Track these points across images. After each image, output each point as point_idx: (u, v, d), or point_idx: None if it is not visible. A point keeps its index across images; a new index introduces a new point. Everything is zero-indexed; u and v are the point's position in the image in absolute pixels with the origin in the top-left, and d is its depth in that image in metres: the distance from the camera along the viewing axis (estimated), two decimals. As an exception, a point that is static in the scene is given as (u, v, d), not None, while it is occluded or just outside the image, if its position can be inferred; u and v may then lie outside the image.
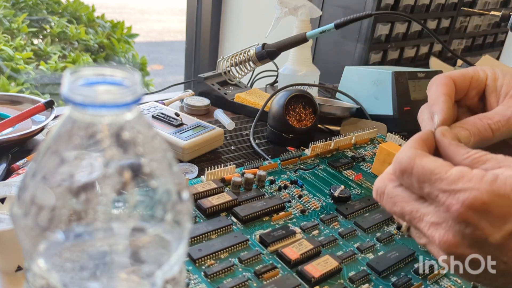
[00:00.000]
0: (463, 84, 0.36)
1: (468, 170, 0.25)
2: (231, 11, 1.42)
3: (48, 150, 0.20)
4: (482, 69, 0.36)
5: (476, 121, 0.33)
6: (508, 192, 0.24)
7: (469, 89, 0.36)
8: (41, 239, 0.20)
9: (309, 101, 0.63)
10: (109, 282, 0.21)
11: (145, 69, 2.12)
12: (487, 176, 0.24)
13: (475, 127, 0.33)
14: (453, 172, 0.26)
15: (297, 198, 0.45)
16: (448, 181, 0.25)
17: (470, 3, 1.12)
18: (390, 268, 0.37)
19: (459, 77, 0.35)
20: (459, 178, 0.25)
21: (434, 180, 0.26)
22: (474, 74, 0.36)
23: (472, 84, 0.36)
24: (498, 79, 0.36)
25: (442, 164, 0.26)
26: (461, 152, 0.28)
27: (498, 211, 0.24)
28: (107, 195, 0.20)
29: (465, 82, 0.36)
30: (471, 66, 0.37)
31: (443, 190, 0.26)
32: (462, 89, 0.36)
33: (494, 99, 0.35)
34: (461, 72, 0.36)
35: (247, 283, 0.33)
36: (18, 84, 1.70)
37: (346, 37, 0.95)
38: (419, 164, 0.27)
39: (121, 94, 0.19)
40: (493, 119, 0.33)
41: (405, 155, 0.28)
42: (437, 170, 0.26)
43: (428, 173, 0.26)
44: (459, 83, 0.35)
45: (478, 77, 0.36)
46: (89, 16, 2.01)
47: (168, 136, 0.56)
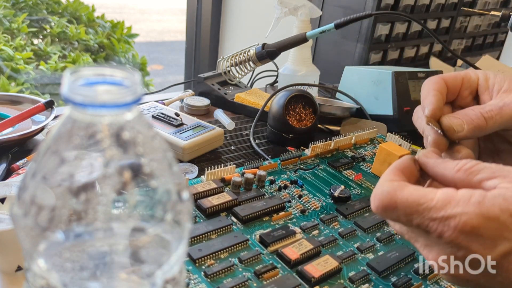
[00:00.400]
0: (455, 83, 0.36)
1: (453, 192, 0.25)
2: (231, 11, 1.42)
3: (48, 150, 0.20)
4: (473, 71, 0.37)
5: (468, 111, 0.33)
6: (497, 214, 0.23)
7: (461, 89, 0.37)
8: (41, 239, 0.20)
9: (309, 101, 0.63)
10: (109, 282, 0.21)
11: (145, 69, 2.13)
12: (474, 197, 0.24)
13: (467, 116, 0.33)
14: (440, 198, 0.25)
15: (297, 198, 0.45)
16: (436, 209, 0.25)
17: (470, 3, 1.12)
18: (390, 268, 0.37)
19: (450, 78, 0.36)
20: (446, 203, 0.25)
21: (422, 211, 0.25)
22: (465, 75, 0.37)
23: (464, 84, 0.37)
24: (489, 79, 0.36)
25: (426, 192, 0.26)
26: (451, 166, 0.27)
27: (488, 233, 0.24)
28: (107, 195, 0.20)
29: (456, 82, 0.36)
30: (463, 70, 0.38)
31: (432, 218, 0.25)
32: (454, 89, 0.36)
33: (487, 97, 0.36)
34: (452, 74, 0.37)
35: (247, 283, 0.33)
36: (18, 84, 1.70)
37: (346, 37, 0.95)
38: (402, 197, 0.26)
39: (121, 94, 0.19)
40: (485, 108, 0.33)
41: (382, 190, 0.27)
42: (423, 200, 0.25)
43: (414, 204, 0.26)
44: (450, 83, 0.36)
45: (470, 77, 0.37)
46: (89, 16, 2.01)
47: (168, 136, 0.56)
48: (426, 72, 0.73)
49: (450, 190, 0.25)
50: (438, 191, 0.25)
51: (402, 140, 0.57)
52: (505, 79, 0.35)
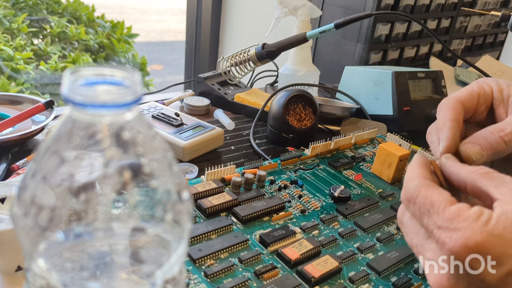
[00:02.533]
0: (471, 104, 0.36)
1: (465, 208, 0.25)
2: (231, 11, 1.42)
3: (48, 150, 0.20)
4: (486, 82, 0.36)
5: (487, 135, 0.32)
6: (501, 232, 0.24)
7: (478, 106, 0.36)
8: (41, 239, 0.20)
9: (309, 101, 0.63)
10: (109, 282, 0.21)
11: (145, 69, 2.13)
12: (483, 217, 0.24)
13: (486, 141, 0.32)
14: (451, 209, 0.25)
15: (297, 198, 0.45)
16: (444, 218, 0.25)
17: (470, 3, 1.12)
18: (390, 268, 0.37)
19: (467, 98, 0.35)
20: (455, 216, 0.25)
21: (432, 213, 0.26)
22: (480, 90, 0.36)
23: (480, 101, 0.36)
24: (503, 90, 0.35)
25: (445, 199, 0.26)
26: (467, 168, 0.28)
27: (492, 251, 0.24)
28: (107, 195, 0.20)
29: (472, 102, 0.36)
30: (474, 81, 0.37)
31: (438, 226, 0.26)
32: (471, 109, 0.36)
33: (502, 110, 0.35)
34: (468, 92, 0.36)
35: (247, 283, 0.33)
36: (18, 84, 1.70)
37: (346, 37, 0.95)
38: (423, 195, 0.27)
39: (121, 94, 0.19)
40: (505, 131, 0.32)
41: (412, 183, 0.28)
42: (437, 204, 0.26)
43: (428, 205, 0.27)
44: (467, 104, 0.35)
45: (484, 92, 0.36)
46: (89, 16, 2.01)
47: (168, 136, 0.56)
48: (426, 72, 0.73)
49: (465, 206, 0.26)
50: (454, 204, 0.26)
51: (402, 140, 0.57)
52: None
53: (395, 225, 0.43)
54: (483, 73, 0.74)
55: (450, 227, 0.25)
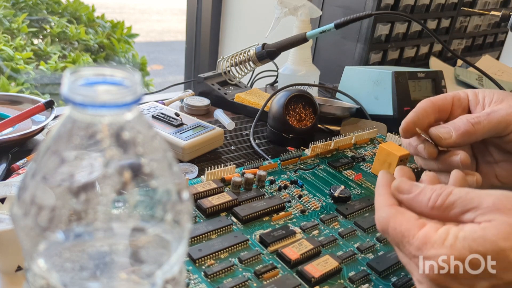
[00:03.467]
0: (445, 103, 0.38)
1: (432, 233, 0.27)
2: (231, 11, 1.42)
3: (48, 150, 0.20)
4: (462, 91, 0.39)
5: (456, 120, 0.36)
6: (466, 254, 0.25)
7: (453, 108, 0.38)
8: (41, 239, 0.20)
9: (309, 101, 0.63)
10: (109, 282, 0.21)
11: (145, 69, 2.13)
12: (448, 240, 0.26)
13: (454, 124, 0.35)
14: (419, 237, 0.27)
15: (297, 198, 0.45)
16: (414, 247, 0.27)
17: (470, 3, 1.12)
18: (390, 268, 0.37)
19: (440, 99, 0.38)
20: (423, 244, 0.26)
21: (404, 243, 0.28)
22: (454, 95, 0.39)
23: (455, 103, 0.38)
24: (478, 94, 0.38)
25: (412, 226, 0.28)
26: (424, 203, 0.29)
27: (461, 275, 0.25)
28: (107, 195, 0.20)
29: (446, 101, 0.38)
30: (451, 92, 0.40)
31: (412, 255, 0.27)
32: (445, 108, 0.38)
33: (479, 110, 0.37)
34: (442, 95, 0.39)
35: (247, 283, 0.33)
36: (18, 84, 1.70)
37: (346, 37, 0.95)
38: (393, 226, 0.29)
39: (121, 94, 0.19)
40: (472, 115, 0.35)
41: (381, 215, 0.30)
42: (406, 233, 0.28)
43: (399, 235, 0.28)
44: (440, 104, 0.38)
45: (460, 97, 0.38)
46: (89, 16, 2.01)
47: (168, 136, 0.56)
48: (426, 72, 0.73)
49: (431, 229, 0.27)
50: (422, 228, 0.27)
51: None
52: (493, 92, 0.37)
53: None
54: (483, 73, 0.74)
55: (422, 255, 0.27)
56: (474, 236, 0.25)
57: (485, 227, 0.25)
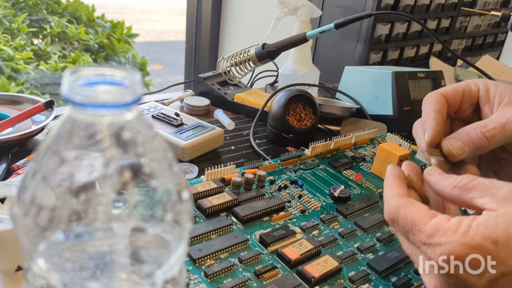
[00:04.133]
0: (455, 98, 0.37)
1: (444, 222, 0.26)
2: (231, 11, 1.42)
3: (48, 150, 0.20)
4: (473, 82, 0.37)
5: (470, 131, 0.34)
6: (480, 242, 0.25)
7: (462, 103, 0.37)
8: (41, 239, 0.20)
9: (309, 101, 0.63)
10: (109, 282, 0.21)
11: (145, 69, 2.13)
12: (461, 228, 0.26)
13: (468, 136, 0.33)
14: (431, 225, 0.27)
15: (297, 198, 0.45)
16: (425, 234, 0.27)
17: (470, 3, 1.12)
18: (390, 268, 0.37)
19: (451, 93, 0.37)
20: (436, 231, 0.26)
21: (415, 231, 0.28)
22: (465, 87, 0.37)
23: (465, 97, 0.37)
24: (490, 90, 0.36)
25: (424, 215, 0.28)
26: (448, 183, 0.29)
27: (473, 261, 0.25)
28: (107, 195, 0.20)
29: (456, 97, 0.37)
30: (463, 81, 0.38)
31: (422, 242, 0.27)
32: (455, 104, 0.37)
33: (488, 109, 0.36)
34: (453, 87, 0.37)
35: (247, 283, 0.33)
36: (18, 84, 1.70)
37: (346, 37, 0.95)
38: (403, 215, 0.29)
39: (121, 94, 0.19)
40: (487, 127, 0.33)
41: (391, 204, 0.30)
42: (418, 222, 0.28)
43: (410, 224, 0.28)
44: (451, 98, 0.36)
45: (470, 90, 0.37)
46: (89, 16, 2.01)
47: (168, 136, 0.56)
48: (426, 72, 0.73)
49: (443, 218, 0.27)
50: (434, 218, 0.27)
51: (402, 140, 0.57)
52: (505, 91, 0.36)
53: (395, 225, 0.43)
54: (483, 73, 0.74)
55: (432, 242, 0.26)
56: (487, 223, 0.25)
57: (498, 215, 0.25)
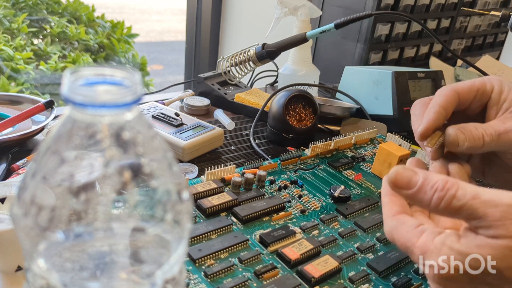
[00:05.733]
0: (468, 97, 0.37)
1: (429, 242, 0.28)
2: (231, 11, 1.42)
3: (48, 150, 0.20)
4: (490, 81, 0.37)
5: (473, 129, 0.34)
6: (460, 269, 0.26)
7: (473, 101, 0.37)
8: (41, 239, 0.20)
9: (309, 101, 0.63)
10: (109, 282, 0.21)
11: (145, 69, 2.13)
12: (443, 251, 0.27)
13: (471, 134, 0.34)
14: (419, 246, 0.28)
15: (297, 198, 0.45)
16: (416, 256, 0.28)
17: (470, 3, 1.12)
18: (390, 268, 0.37)
19: (465, 91, 0.37)
20: (423, 253, 0.28)
21: (409, 253, 0.29)
22: (480, 86, 0.37)
23: (477, 96, 0.37)
24: (503, 93, 0.37)
25: (412, 236, 0.29)
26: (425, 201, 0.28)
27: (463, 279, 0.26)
28: (107, 195, 0.20)
29: (469, 95, 0.37)
30: (481, 77, 0.38)
31: (416, 261, 0.29)
32: (466, 102, 0.37)
33: (493, 112, 0.37)
34: (468, 86, 0.37)
35: (247, 283, 0.33)
36: (18, 84, 1.70)
37: (346, 37, 0.95)
38: (396, 238, 0.30)
39: (121, 94, 0.19)
40: (487, 131, 0.34)
41: (385, 229, 0.31)
42: (408, 244, 0.29)
43: (403, 246, 0.29)
44: (464, 97, 0.37)
45: (484, 89, 0.37)
46: (89, 16, 2.01)
47: (168, 136, 0.56)
48: (426, 72, 0.73)
49: (429, 238, 0.28)
50: (421, 237, 0.28)
51: (402, 140, 0.57)
52: None
53: (395, 225, 0.43)
54: (483, 73, 0.74)
55: (424, 263, 0.28)
56: (470, 252, 0.26)
57: (481, 245, 0.26)
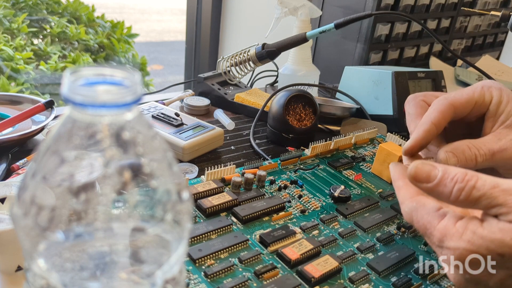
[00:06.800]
0: (465, 109, 0.37)
1: (451, 226, 0.28)
2: (231, 11, 1.42)
3: (48, 150, 0.20)
4: (489, 90, 0.37)
5: (466, 150, 0.34)
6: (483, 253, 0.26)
7: (470, 113, 0.37)
8: (41, 239, 0.20)
9: (309, 101, 0.63)
10: (109, 282, 0.21)
11: (145, 69, 2.13)
12: (466, 235, 0.27)
13: (463, 155, 0.34)
14: (440, 229, 0.28)
15: (297, 198, 0.45)
16: (436, 239, 0.28)
17: (470, 3, 1.12)
18: (390, 268, 0.37)
19: (462, 104, 0.36)
20: (443, 236, 0.28)
21: (428, 235, 0.29)
22: (479, 98, 0.37)
23: (475, 108, 0.37)
24: (501, 105, 0.36)
25: (432, 218, 0.29)
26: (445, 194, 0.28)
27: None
28: (107, 195, 0.20)
29: (466, 109, 0.37)
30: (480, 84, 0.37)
31: (436, 245, 0.29)
32: (462, 114, 0.37)
33: (490, 125, 0.36)
34: (466, 98, 0.36)
35: (247, 283, 0.33)
36: (18, 84, 1.70)
37: (346, 37, 0.95)
38: (416, 219, 0.30)
39: (121, 94, 0.19)
40: (480, 151, 0.34)
41: (404, 210, 0.32)
42: (428, 225, 0.29)
43: (423, 228, 0.30)
44: (460, 110, 0.37)
45: (483, 101, 0.37)
46: (89, 16, 2.01)
47: (168, 136, 0.56)
48: (426, 72, 0.73)
49: (451, 221, 0.28)
50: (442, 220, 0.28)
51: (402, 140, 0.57)
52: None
53: (395, 225, 0.43)
54: (483, 73, 0.74)
55: (443, 246, 0.28)
56: (493, 237, 0.26)
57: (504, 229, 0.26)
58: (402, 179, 0.32)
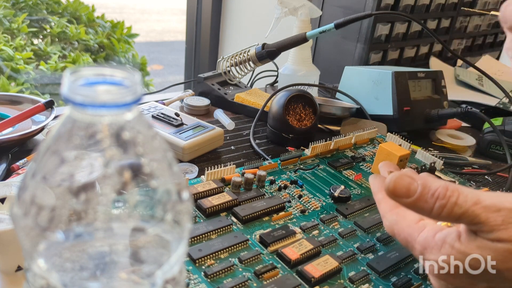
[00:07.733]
0: None
1: (430, 238, 0.28)
2: (231, 11, 1.41)
3: (48, 150, 0.20)
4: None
5: None
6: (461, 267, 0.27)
7: None
8: (41, 239, 0.20)
9: (309, 101, 0.63)
10: (109, 282, 0.21)
11: (145, 69, 2.13)
12: (444, 249, 0.27)
13: None
14: (420, 241, 0.29)
15: (297, 198, 0.45)
16: (417, 251, 0.29)
17: (470, 3, 1.12)
18: (390, 268, 0.37)
19: None
20: (424, 249, 0.28)
21: (410, 248, 0.30)
22: None
23: None
24: None
25: (413, 231, 0.30)
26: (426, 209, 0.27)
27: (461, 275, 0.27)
28: (107, 195, 0.20)
29: None
30: None
31: (417, 256, 0.30)
32: None
33: None
34: None
35: (247, 283, 0.33)
36: (18, 84, 1.70)
37: (346, 37, 0.95)
38: (397, 232, 0.31)
39: (121, 94, 0.19)
40: None
41: (385, 224, 0.32)
42: (409, 238, 0.30)
43: (404, 241, 0.30)
44: None
45: None
46: (89, 16, 2.01)
47: (168, 136, 0.56)
48: (426, 72, 0.73)
49: (430, 234, 0.28)
50: (422, 232, 0.29)
51: (402, 140, 0.57)
52: None
53: (395, 225, 0.43)
54: (483, 73, 0.74)
55: (424, 258, 0.29)
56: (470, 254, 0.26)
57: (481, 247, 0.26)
58: (381, 192, 0.32)
